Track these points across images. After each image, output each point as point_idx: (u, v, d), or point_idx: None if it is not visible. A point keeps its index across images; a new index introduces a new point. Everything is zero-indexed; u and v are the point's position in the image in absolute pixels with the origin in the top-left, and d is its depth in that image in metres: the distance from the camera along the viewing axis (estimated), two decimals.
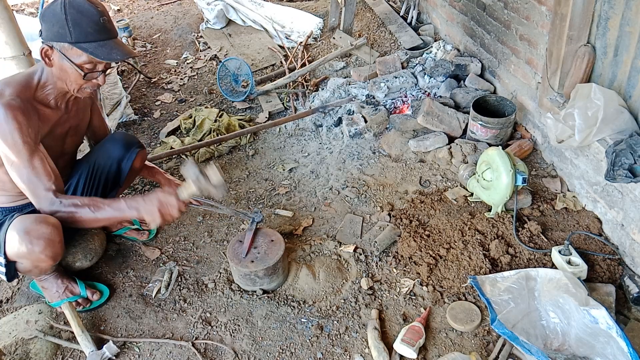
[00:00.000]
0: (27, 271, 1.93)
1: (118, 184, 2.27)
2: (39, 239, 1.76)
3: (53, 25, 1.73)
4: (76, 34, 1.73)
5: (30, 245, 1.76)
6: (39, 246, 1.77)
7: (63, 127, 1.99)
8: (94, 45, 1.75)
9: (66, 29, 1.72)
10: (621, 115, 2.11)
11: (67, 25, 1.71)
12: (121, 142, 2.22)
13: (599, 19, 2.23)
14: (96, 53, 1.75)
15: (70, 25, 1.71)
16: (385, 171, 2.84)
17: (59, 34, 1.73)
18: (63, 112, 1.96)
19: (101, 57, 1.76)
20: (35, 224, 1.77)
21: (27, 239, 1.76)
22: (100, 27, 1.77)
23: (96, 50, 1.75)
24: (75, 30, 1.72)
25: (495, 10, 3.01)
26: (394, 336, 1.99)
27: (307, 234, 2.50)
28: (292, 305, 2.14)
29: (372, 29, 4.30)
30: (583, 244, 2.26)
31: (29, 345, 2.00)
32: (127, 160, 2.22)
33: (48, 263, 1.85)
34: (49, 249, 1.79)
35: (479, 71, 3.33)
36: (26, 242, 1.76)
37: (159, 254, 2.45)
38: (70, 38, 1.73)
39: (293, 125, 3.27)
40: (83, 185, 2.19)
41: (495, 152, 2.35)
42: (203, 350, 2.00)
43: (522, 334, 1.80)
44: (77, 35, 1.73)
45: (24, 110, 1.75)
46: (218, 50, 4.26)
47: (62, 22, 1.71)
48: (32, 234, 1.76)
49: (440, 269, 2.21)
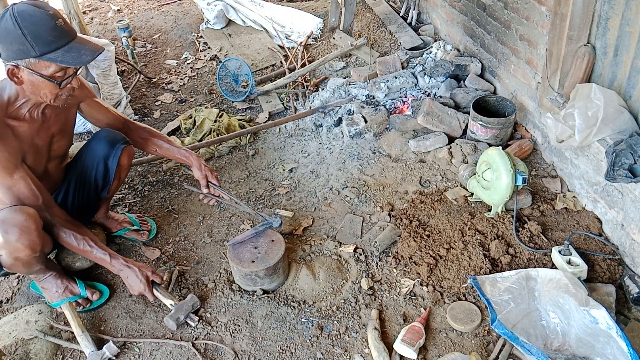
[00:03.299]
0: (10, 265, 1.89)
1: (108, 182, 2.26)
2: (14, 227, 1.75)
3: (11, 43, 1.65)
4: (39, 46, 1.66)
5: (5, 235, 1.75)
6: (14, 234, 1.75)
7: (44, 136, 1.96)
8: (61, 53, 1.69)
9: (27, 44, 1.64)
10: (621, 115, 2.11)
11: (27, 41, 1.64)
12: (106, 140, 2.19)
13: (599, 19, 2.23)
14: (66, 60, 1.69)
15: (29, 40, 1.64)
16: (385, 171, 2.84)
17: (21, 51, 1.66)
18: (40, 121, 1.91)
19: (72, 63, 1.71)
20: (10, 212, 1.76)
21: (2, 228, 1.74)
22: (60, 32, 1.69)
23: (65, 57, 1.69)
24: (37, 43, 1.65)
25: (495, 10, 3.01)
26: (394, 336, 1.99)
27: (307, 234, 2.50)
28: (292, 306, 2.14)
29: (372, 29, 4.30)
30: (583, 244, 2.26)
31: (29, 345, 2.00)
32: (113, 158, 2.20)
33: (26, 252, 1.81)
34: (24, 236, 1.77)
35: (479, 71, 3.33)
36: (2, 231, 1.74)
37: (159, 254, 2.45)
38: (34, 52, 1.66)
39: (293, 125, 3.27)
40: (74, 189, 2.19)
41: (495, 152, 2.35)
42: (203, 351, 2.00)
43: (522, 334, 1.80)
44: (40, 47, 1.66)
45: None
46: (218, 51, 4.26)
47: (20, 38, 1.64)
48: (7, 222, 1.74)
49: (440, 269, 2.21)
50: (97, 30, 4.78)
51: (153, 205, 2.75)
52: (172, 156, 2.34)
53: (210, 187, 2.30)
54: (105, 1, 5.46)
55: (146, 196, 2.83)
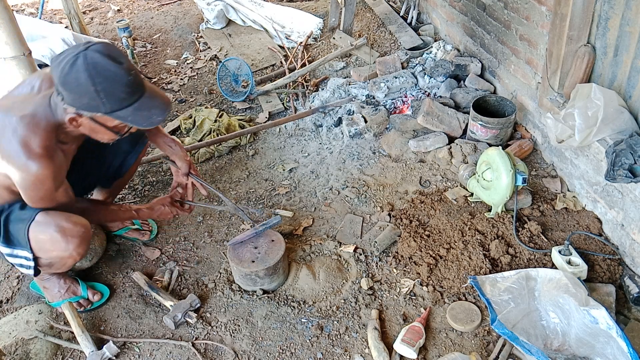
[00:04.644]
0: (48, 267, 1.94)
1: (119, 175, 2.29)
2: (74, 238, 1.80)
3: (81, 96, 1.57)
4: (110, 104, 1.58)
5: (65, 244, 1.79)
6: (74, 244, 1.81)
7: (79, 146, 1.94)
8: (131, 111, 1.62)
9: (98, 100, 1.57)
10: (621, 115, 2.11)
11: (99, 97, 1.56)
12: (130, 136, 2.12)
13: (599, 19, 2.23)
14: (136, 121, 1.64)
15: (102, 97, 1.56)
16: (385, 171, 2.84)
17: (90, 106, 1.59)
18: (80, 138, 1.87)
19: (142, 124, 1.66)
20: (67, 222, 1.80)
21: (62, 237, 1.78)
22: (132, 89, 1.61)
23: (135, 117, 1.63)
24: (109, 101, 1.58)
25: (495, 10, 3.01)
26: (394, 336, 1.99)
27: (307, 234, 2.50)
28: (292, 306, 2.14)
29: (372, 29, 4.30)
30: (583, 244, 2.26)
31: (29, 345, 2.01)
32: (133, 154, 2.25)
33: (76, 259, 1.90)
34: (82, 246, 1.85)
35: (479, 71, 3.33)
36: (62, 240, 1.78)
37: (159, 254, 2.45)
38: (103, 109, 1.59)
39: (293, 125, 3.27)
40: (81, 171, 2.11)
41: (495, 152, 2.35)
42: (203, 351, 2.00)
43: (522, 334, 1.80)
44: (111, 105, 1.59)
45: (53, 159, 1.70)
46: (218, 50, 4.26)
47: (92, 94, 1.55)
48: (68, 233, 1.79)
49: (440, 269, 2.21)
50: (97, 30, 4.78)
51: None
52: (156, 142, 2.26)
53: (190, 177, 2.25)
54: (105, 1, 5.46)
55: (146, 196, 2.83)
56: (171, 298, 2.14)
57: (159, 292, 2.18)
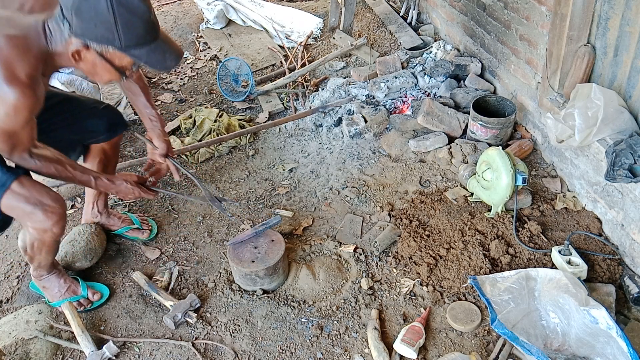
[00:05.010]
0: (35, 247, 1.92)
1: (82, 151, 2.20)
2: (53, 214, 1.77)
3: (95, 26, 1.43)
4: (126, 39, 1.47)
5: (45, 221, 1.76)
6: (52, 220, 1.78)
7: None
8: (146, 51, 1.52)
9: (114, 33, 1.44)
10: (621, 115, 2.11)
11: (116, 29, 1.44)
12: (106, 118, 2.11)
13: (599, 19, 2.23)
14: (150, 62, 1.54)
15: (119, 29, 1.44)
16: (385, 171, 2.84)
17: (104, 38, 1.46)
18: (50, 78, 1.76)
19: (158, 66, 1.57)
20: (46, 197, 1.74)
21: (43, 212, 1.74)
22: (151, 28, 1.50)
23: (149, 57, 1.53)
24: (126, 36, 1.46)
25: (495, 10, 3.01)
26: (394, 336, 1.99)
27: (307, 234, 2.50)
28: (292, 305, 2.14)
29: (372, 29, 4.30)
30: (583, 244, 2.26)
31: (29, 345, 2.00)
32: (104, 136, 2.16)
33: (57, 235, 1.86)
34: (59, 224, 1.82)
35: (479, 71, 3.33)
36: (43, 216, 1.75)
37: (159, 254, 2.45)
38: (118, 44, 1.47)
39: (293, 125, 3.27)
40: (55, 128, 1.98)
41: (495, 152, 2.35)
42: (203, 350, 2.00)
43: (522, 334, 1.80)
44: (127, 40, 1.47)
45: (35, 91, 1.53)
46: (218, 50, 4.26)
47: (109, 24, 1.43)
48: (48, 210, 1.75)
49: (440, 269, 2.21)
50: None
51: (153, 205, 2.75)
52: (138, 107, 2.11)
53: (167, 160, 2.17)
54: None
55: None
56: (171, 298, 2.14)
57: (159, 292, 2.18)
